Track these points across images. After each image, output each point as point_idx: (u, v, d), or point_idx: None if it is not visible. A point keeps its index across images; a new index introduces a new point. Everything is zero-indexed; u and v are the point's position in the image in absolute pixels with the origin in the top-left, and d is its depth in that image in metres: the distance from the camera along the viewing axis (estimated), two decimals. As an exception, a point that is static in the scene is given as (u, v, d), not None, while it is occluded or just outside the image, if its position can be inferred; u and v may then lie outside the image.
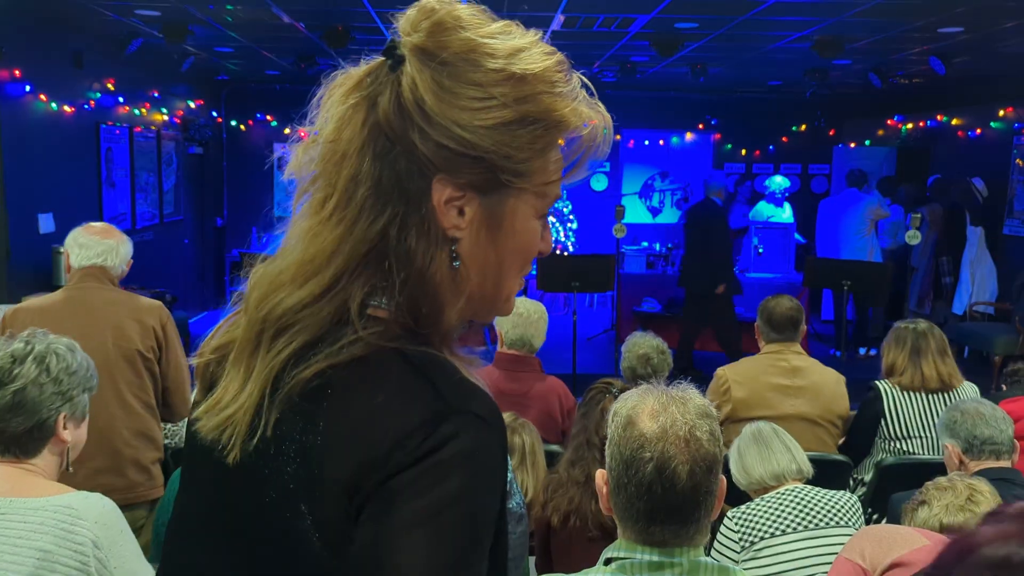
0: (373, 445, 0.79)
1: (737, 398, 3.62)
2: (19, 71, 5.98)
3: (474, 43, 0.83)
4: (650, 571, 1.45)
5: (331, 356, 0.83)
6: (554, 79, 0.86)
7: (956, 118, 9.35)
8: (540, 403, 3.47)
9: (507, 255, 0.90)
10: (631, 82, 9.62)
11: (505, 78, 0.83)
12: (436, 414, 0.79)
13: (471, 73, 0.82)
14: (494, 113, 0.83)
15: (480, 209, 0.86)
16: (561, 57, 0.89)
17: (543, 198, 0.90)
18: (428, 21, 0.84)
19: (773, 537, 2.43)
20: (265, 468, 0.85)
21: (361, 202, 0.84)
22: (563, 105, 0.86)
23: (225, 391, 0.89)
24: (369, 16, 6.25)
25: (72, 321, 2.88)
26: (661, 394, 1.51)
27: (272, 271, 0.88)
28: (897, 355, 3.64)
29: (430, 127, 0.82)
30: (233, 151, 11.20)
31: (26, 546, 1.64)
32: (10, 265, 5.90)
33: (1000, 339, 7.26)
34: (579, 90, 0.89)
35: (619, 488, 1.47)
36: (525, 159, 0.85)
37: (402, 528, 0.77)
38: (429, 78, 0.82)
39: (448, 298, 0.87)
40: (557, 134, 0.87)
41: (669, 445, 1.43)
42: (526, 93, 0.84)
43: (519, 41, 0.86)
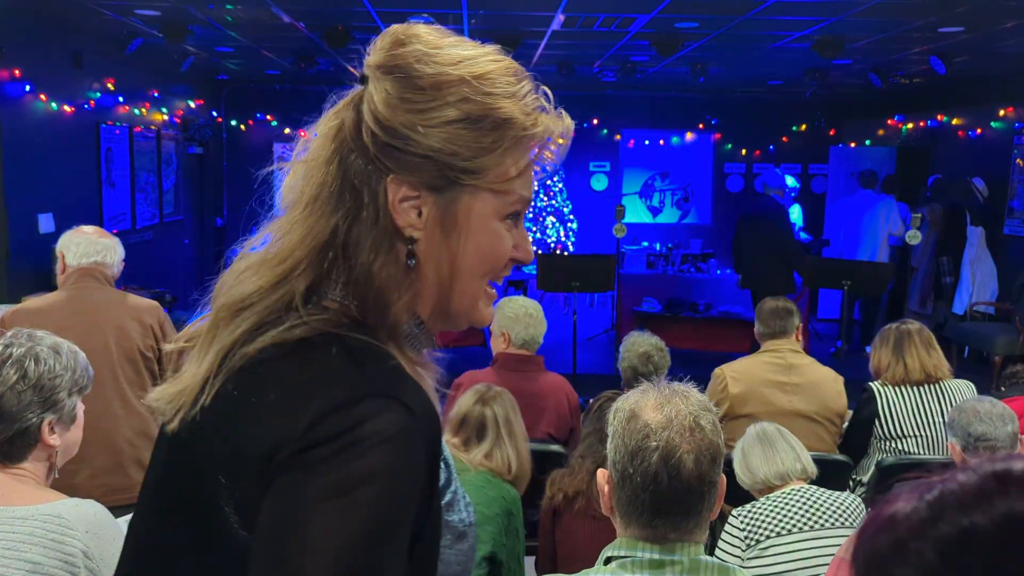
0: (294, 418, 0.81)
1: (734, 394, 3.66)
2: (19, 71, 5.98)
3: (422, 53, 0.90)
4: (651, 569, 1.44)
5: (276, 336, 0.88)
6: (499, 81, 0.91)
7: (956, 118, 9.35)
8: (551, 401, 3.50)
9: (463, 255, 0.93)
10: (631, 82, 9.63)
11: (449, 80, 0.89)
12: (360, 395, 0.82)
13: (417, 79, 0.89)
14: (438, 113, 0.89)
15: (435, 208, 0.91)
16: (511, 63, 0.93)
17: (502, 197, 0.93)
18: (386, 40, 0.93)
19: (779, 536, 2.44)
20: (197, 438, 0.89)
21: (323, 203, 0.92)
22: (509, 105, 0.90)
23: (185, 372, 0.94)
24: (369, 16, 6.25)
25: (74, 321, 2.88)
26: (663, 389, 1.53)
27: (238, 267, 0.98)
28: (882, 353, 3.70)
29: (381, 131, 0.90)
30: (233, 151, 11.20)
31: (15, 557, 1.60)
32: (10, 265, 5.90)
33: (1000, 339, 7.26)
34: (533, 95, 0.93)
35: (624, 480, 1.47)
36: (473, 156, 0.90)
37: (311, 501, 0.77)
38: (382, 88, 0.90)
39: (396, 294, 0.91)
40: (506, 133, 0.91)
41: (674, 434, 1.45)
42: (468, 94, 0.89)
43: (469, 51, 0.92)
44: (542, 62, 8.53)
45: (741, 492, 2.71)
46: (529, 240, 1.00)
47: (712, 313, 8.41)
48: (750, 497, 2.69)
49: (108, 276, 3.14)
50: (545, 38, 7.12)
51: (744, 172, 11.52)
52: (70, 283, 3.08)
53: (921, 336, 3.65)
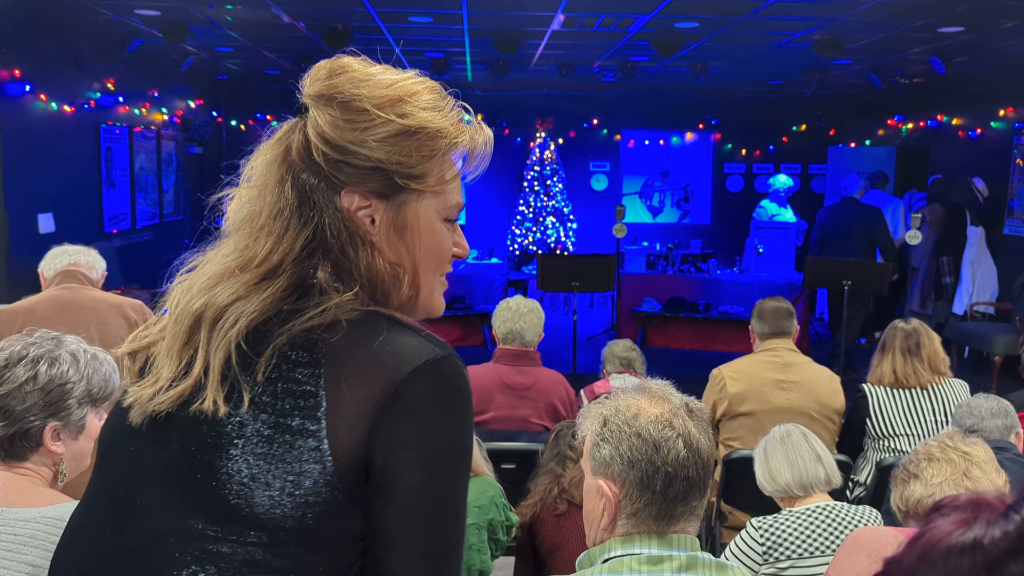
0: (387, 378, 0.98)
1: (733, 392, 3.68)
2: (19, 71, 5.98)
3: (359, 78, 1.05)
4: (649, 565, 1.44)
5: (315, 318, 1.00)
6: (427, 97, 1.07)
7: (956, 118, 9.35)
8: (546, 396, 3.61)
9: (418, 252, 1.08)
10: (631, 82, 9.62)
11: (387, 100, 1.04)
12: (435, 354, 1.01)
13: (359, 102, 1.03)
14: (380, 129, 1.03)
15: (387, 213, 1.06)
16: (433, 83, 1.10)
17: (442, 199, 1.09)
18: (321, 72, 1.07)
19: (800, 559, 2.43)
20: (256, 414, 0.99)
21: (287, 217, 1.04)
22: (439, 118, 1.07)
23: (159, 374, 1.04)
24: (369, 16, 6.25)
25: (57, 318, 2.89)
26: (639, 386, 1.55)
27: (197, 278, 1.09)
28: (876, 352, 3.80)
29: (331, 150, 1.03)
30: (233, 151, 11.19)
31: (15, 559, 1.59)
32: (10, 265, 5.90)
33: (1000, 339, 7.26)
34: (455, 109, 1.11)
35: (648, 478, 1.44)
36: (415, 164, 1.05)
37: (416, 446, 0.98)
38: (327, 113, 1.03)
39: (395, 283, 1.07)
40: (440, 142, 1.07)
41: (684, 421, 1.48)
42: (405, 110, 1.04)
43: (395, 76, 1.07)
44: (542, 62, 8.53)
45: (761, 499, 2.71)
46: (464, 238, 1.16)
47: (712, 313, 8.41)
48: (770, 500, 2.68)
49: (90, 278, 3.15)
50: (545, 38, 7.12)
51: (744, 172, 11.52)
52: (52, 286, 3.11)
53: (906, 340, 3.67)
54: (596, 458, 1.50)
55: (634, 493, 1.46)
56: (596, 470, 1.50)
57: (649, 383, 1.57)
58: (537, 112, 10.88)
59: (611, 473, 1.47)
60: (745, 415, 3.67)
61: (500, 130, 11.23)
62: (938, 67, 7.44)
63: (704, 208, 11.64)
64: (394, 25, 6.67)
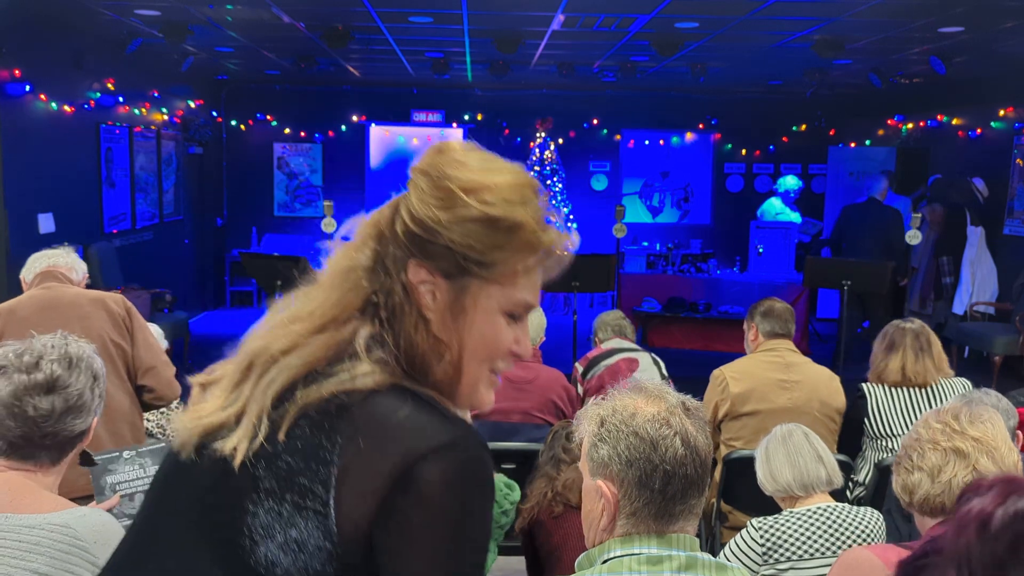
0: (400, 456, 0.96)
1: (735, 393, 3.67)
2: (19, 71, 5.98)
3: (456, 160, 1.06)
4: (649, 565, 1.44)
5: (344, 383, 1.01)
6: (516, 191, 1.06)
7: (956, 118, 9.35)
8: (545, 391, 3.70)
9: (468, 341, 1.07)
10: (631, 82, 9.62)
11: (474, 185, 1.04)
12: (455, 437, 0.99)
13: (447, 182, 1.04)
14: (460, 211, 1.03)
15: (447, 293, 1.06)
16: (528, 178, 1.09)
17: (507, 292, 1.08)
18: (430, 151, 1.10)
19: (800, 560, 2.43)
20: (270, 468, 0.99)
21: (357, 276, 1.08)
22: (522, 212, 1.06)
23: (205, 405, 1.07)
24: (369, 16, 6.25)
25: (40, 316, 2.88)
26: (633, 387, 1.55)
27: (272, 318, 1.11)
28: (877, 351, 3.74)
29: (412, 222, 1.05)
30: (233, 151, 11.20)
31: (22, 567, 1.59)
32: (10, 265, 5.89)
33: (1000, 339, 7.26)
34: (545, 208, 1.09)
35: (647, 477, 1.44)
36: (485, 251, 1.05)
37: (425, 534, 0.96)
38: (418, 187, 1.06)
39: (436, 360, 1.07)
40: (516, 236, 1.06)
41: (681, 419, 1.47)
42: (489, 198, 1.04)
43: (494, 164, 1.08)
44: (542, 62, 8.53)
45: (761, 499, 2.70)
46: (528, 337, 1.13)
47: (712, 313, 8.41)
48: (771, 500, 2.68)
49: (70, 279, 3.14)
50: (545, 38, 7.12)
51: (744, 172, 11.52)
52: (35, 285, 3.11)
53: (916, 338, 3.65)
54: (594, 459, 1.50)
55: (633, 492, 1.46)
56: (594, 471, 1.50)
57: (645, 383, 1.57)
58: (537, 112, 10.88)
59: (609, 473, 1.48)
60: (748, 415, 3.67)
61: (500, 130, 11.23)
62: (938, 67, 7.44)
63: (704, 208, 11.64)
64: (394, 25, 6.66)
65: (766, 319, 3.84)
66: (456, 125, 11.23)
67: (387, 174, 11.31)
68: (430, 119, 11.18)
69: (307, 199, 11.24)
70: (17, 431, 1.74)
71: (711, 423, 3.73)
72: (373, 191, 11.23)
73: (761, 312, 3.87)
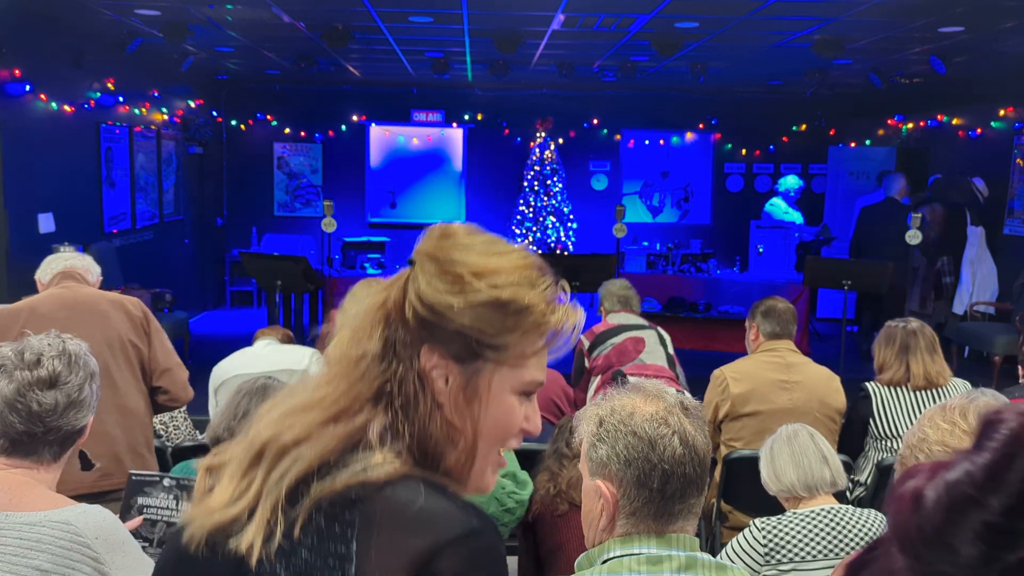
0: (418, 549, 0.96)
1: (735, 394, 3.67)
2: (19, 71, 5.98)
3: (462, 244, 1.06)
4: (649, 565, 1.44)
5: (357, 475, 1.00)
6: (524, 272, 1.06)
7: (956, 118, 9.35)
8: (545, 391, 3.66)
9: (482, 423, 1.07)
10: (631, 82, 9.62)
11: (482, 269, 1.04)
12: (471, 527, 0.99)
13: (456, 267, 1.04)
14: (471, 296, 1.03)
15: (459, 378, 1.05)
16: (534, 259, 1.09)
17: (518, 373, 1.08)
18: (435, 232, 1.09)
19: (803, 561, 2.42)
20: (288, 565, 1.00)
21: (368, 364, 1.05)
22: (532, 294, 1.06)
23: (218, 496, 1.05)
24: (369, 16, 6.25)
25: (60, 315, 2.91)
26: (631, 387, 1.55)
27: (279, 405, 1.09)
28: (887, 353, 3.68)
29: (422, 307, 1.04)
30: (233, 151, 11.20)
31: (23, 564, 1.60)
32: (10, 265, 5.90)
33: (1000, 339, 7.26)
34: (552, 288, 1.09)
35: (645, 476, 1.44)
36: (497, 335, 1.04)
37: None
38: (423, 271, 1.05)
39: (449, 448, 1.06)
40: (526, 318, 1.05)
41: (680, 418, 1.47)
42: (498, 281, 1.04)
43: (500, 246, 1.08)
44: (542, 62, 8.54)
45: (761, 499, 2.69)
46: (538, 414, 1.13)
47: (712, 313, 8.41)
48: (775, 500, 2.68)
49: (87, 280, 3.19)
50: (545, 38, 7.12)
51: (744, 172, 11.52)
52: (53, 285, 3.13)
53: (926, 339, 3.63)
54: (593, 459, 1.50)
55: (632, 492, 1.46)
56: (594, 471, 1.51)
57: (644, 383, 1.57)
58: (537, 112, 10.88)
59: (608, 473, 1.48)
60: (748, 416, 3.66)
61: (500, 130, 11.23)
62: (938, 67, 7.44)
63: (704, 208, 11.65)
64: (394, 25, 6.67)
65: (767, 319, 3.82)
66: (456, 125, 11.23)
67: (387, 174, 11.31)
68: (430, 119, 11.18)
69: (307, 199, 11.24)
70: (21, 427, 1.76)
71: (711, 423, 3.73)
72: (373, 191, 11.23)
73: (762, 312, 3.85)
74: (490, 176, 11.30)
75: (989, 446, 0.78)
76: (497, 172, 11.28)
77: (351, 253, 8.97)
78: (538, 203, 10.78)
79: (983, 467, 0.77)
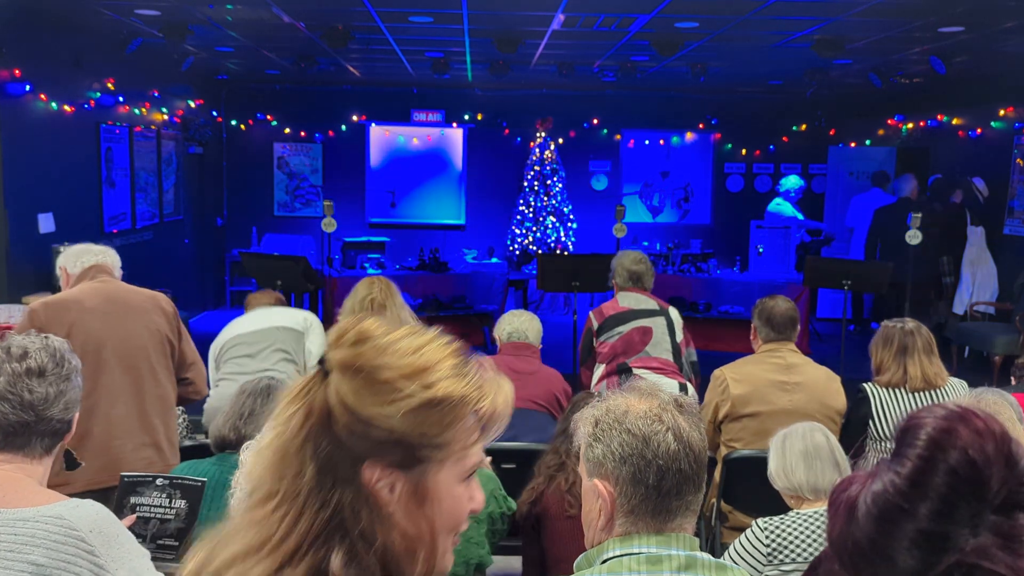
0: None
1: (736, 395, 3.66)
2: (19, 71, 5.98)
3: (382, 348, 1.01)
4: (648, 565, 1.44)
5: None
6: (451, 364, 1.03)
7: (956, 118, 9.35)
8: (546, 384, 3.91)
9: (438, 522, 1.05)
10: (631, 82, 9.62)
11: (411, 370, 1.00)
12: None
13: (383, 373, 0.99)
14: (404, 403, 0.99)
15: (407, 485, 1.02)
16: (456, 346, 1.06)
17: (462, 463, 1.05)
18: (347, 337, 1.03)
19: (806, 562, 2.42)
20: None
21: (306, 495, 1.00)
22: (463, 385, 1.03)
23: None
24: (369, 16, 6.25)
25: (107, 308, 3.05)
26: (628, 387, 1.56)
27: (218, 552, 1.03)
28: (884, 354, 3.65)
29: (353, 423, 0.98)
30: (233, 151, 11.20)
31: (19, 559, 1.60)
32: (10, 265, 5.90)
33: (1000, 339, 7.26)
34: (476, 371, 1.06)
35: (640, 472, 1.45)
36: (438, 434, 1.01)
37: None
38: (349, 383, 0.99)
39: (407, 564, 1.03)
40: (463, 410, 1.02)
41: (673, 415, 1.48)
42: (430, 380, 1.00)
43: (419, 340, 1.04)
44: (542, 62, 8.54)
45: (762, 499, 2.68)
46: (480, 490, 1.12)
47: (712, 313, 8.41)
48: (769, 502, 2.67)
49: (115, 275, 3.31)
50: (545, 38, 7.12)
51: (744, 172, 11.52)
52: (85, 280, 3.18)
53: (923, 340, 3.62)
54: (590, 458, 1.51)
55: (628, 489, 1.46)
56: (591, 471, 1.52)
57: (639, 383, 1.59)
58: (537, 112, 10.89)
59: (604, 472, 1.49)
60: (748, 416, 3.66)
61: (500, 130, 11.24)
62: (938, 67, 7.44)
63: (704, 208, 11.65)
64: (394, 25, 6.67)
65: (766, 325, 3.80)
66: (456, 125, 11.23)
67: (387, 174, 11.31)
68: (430, 119, 11.18)
69: (307, 199, 11.24)
70: (13, 417, 1.78)
71: (711, 423, 3.73)
72: (373, 191, 11.23)
73: (763, 316, 3.82)
74: (490, 176, 11.30)
75: (909, 453, 0.78)
76: (497, 172, 11.28)
77: (351, 253, 8.97)
78: (538, 203, 10.78)
79: (905, 476, 0.77)
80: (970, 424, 0.78)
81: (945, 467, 0.76)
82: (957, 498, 0.75)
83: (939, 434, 0.77)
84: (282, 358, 3.97)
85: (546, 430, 3.45)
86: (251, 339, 4.01)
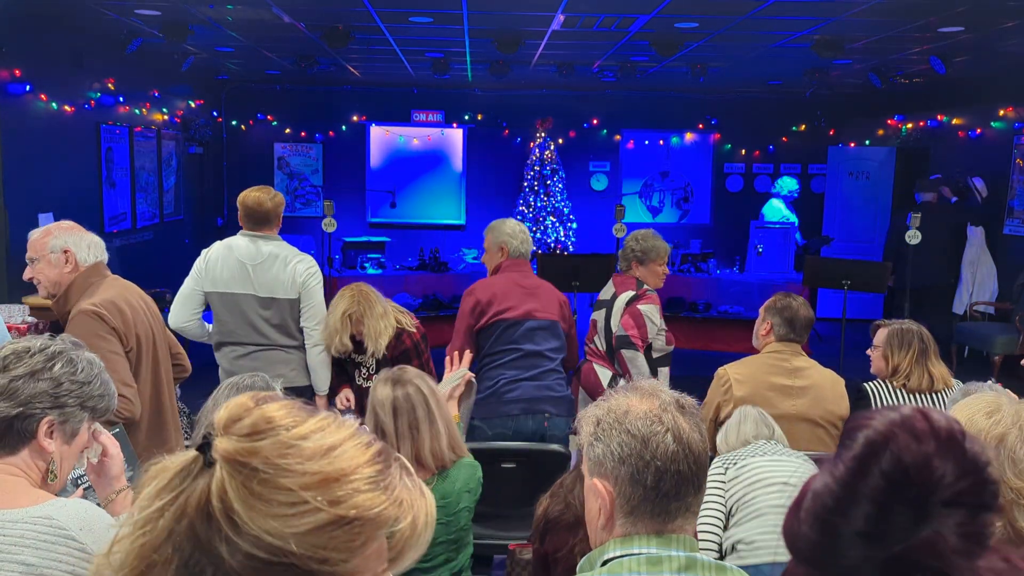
0: None
1: (738, 396, 3.61)
2: (19, 71, 5.99)
3: (285, 445, 0.82)
4: (649, 566, 1.44)
5: None
6: (369, 474, 0.84)
7: (956, 118, 9.35)
8: (549, 295, 4.14)
9: None
10: (631, 82, 9.63)
11: (318, 481, 0.81)
12: None
13: (282, 478, 0.80)
14: (307, 519, 0.80)
15: None
16: (379, 447, 0.88)
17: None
18: (241, 423, 0.83)
19: (752, 457, 2.89)
20: None
21: None
22: (380, 500, 0.84)
23: None
24: (369, 16, 6.25)
25: (141, 304, 3.16)
26: (631, 387, 1.56)
27: None
28: (901, 357, 3.61)
29: (239, 537, 0.80)
30: (233, 151, 11.20)
31: (8, 560, 1.59)
32: (10, 264, 5.90)
33: (1000, 339, 7.26)
34: (399, 478, 0.88)
35: (639, 473, 1.45)
36: (343, 559, 0.82)
37: None
38: (239, 485, 0.80)
39: None
40: (375, 529, 0.84)
41: (674, 416, 1.48)
42: (339, 494, 0.82)
43: (333, 438, 0.85)
44: (542, 62, 8.54)
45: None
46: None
47: (712, 313, 8.42)
48: None
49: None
50: (545, 38, 7.12)
51: (744, 172, 11.52)
52: (97, 274, 3.21)
53: (932, 342, 3.62)
54: (591, 458, 1.52)
55: (627, 490, 1.47)
56: (592, 470, 1.53)
57: (641, 383, 1.59)
58: (537, 112, 10.89)
59: (604, 471, 1.49)
60: (748, 418, 3.66)
61: (500, 130, 11.24)
62: (938, 67, 7.44)
63: (704, 208, 11.65)
64: (394, 25, 6.67)
65: (787, 325, 3.69)
66: (456, 125, 11.23)
67: (387, 174, 11.31)
68: (430, 119, 11.19)
69: (307, 199, 11.24)
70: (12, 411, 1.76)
71: (712, 422, 3.69)
72: (373, 191, 11.23)
73: (781, 314, 3.70)
74: (490, 176, 11.30)
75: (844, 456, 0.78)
76: (497, 172, 11.28)
77: (351, 253, 8.96)
78: (538, 203, 10.79)
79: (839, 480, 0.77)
80: (910, 427, 0.77)
81: (878, 471, 0.75)
82: (892, 502, 0.75)
83: (876, 436, 0.77)
84: None
85: (560, 338, 4.03)
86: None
